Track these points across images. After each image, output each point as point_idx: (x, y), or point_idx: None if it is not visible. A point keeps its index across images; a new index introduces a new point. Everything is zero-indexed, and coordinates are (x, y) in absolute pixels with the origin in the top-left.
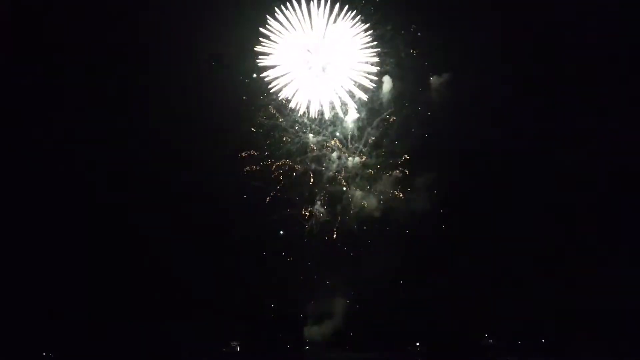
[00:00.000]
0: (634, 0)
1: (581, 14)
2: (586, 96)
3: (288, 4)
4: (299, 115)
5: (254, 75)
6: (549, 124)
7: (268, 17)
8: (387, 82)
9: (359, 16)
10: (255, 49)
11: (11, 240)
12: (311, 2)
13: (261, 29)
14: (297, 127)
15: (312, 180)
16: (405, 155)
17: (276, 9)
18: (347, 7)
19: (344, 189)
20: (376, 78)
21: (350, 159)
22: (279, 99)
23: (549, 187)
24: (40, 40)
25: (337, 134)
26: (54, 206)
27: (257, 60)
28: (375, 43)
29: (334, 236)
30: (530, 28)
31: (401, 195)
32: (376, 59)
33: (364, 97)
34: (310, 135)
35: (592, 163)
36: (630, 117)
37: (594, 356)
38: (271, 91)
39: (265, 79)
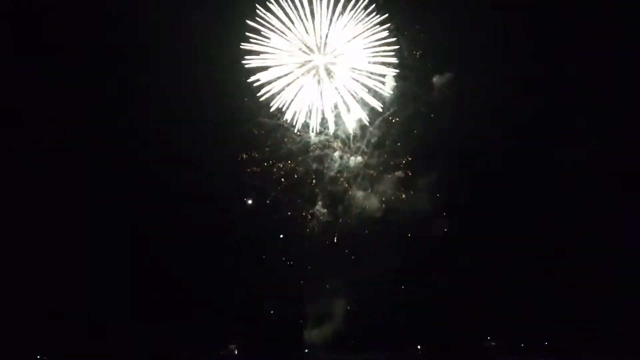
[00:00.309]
0: (634, 0)
1: (581, 14)
2: (586, 96)
3: None
4: (296, 130)
5: (247, 79)
6: (549, 124)
7: (258, 7)
8: (390, 82)
9: (373, 4)
10: (242, 46)
11: (11, 240)
12: None
13: (249, 22)
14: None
15: (313, 181)
16: (408, 157)
17: None
18: None
19: (347, 192)
20: (394, 83)
21: (352, 158)
22: (271, 110)
23: (549, 187)
24: (40, 40)
25: (339, 133)
26: (54, 206)
27: (244, 62)
28: (394, 39)
29: (335, 239)
30: (530, 28)
31: (403, 196)
32: (394, 59)
33: (379, 106)
34: (312, 134)
35: (592, 163)
36: (630, 117)
37: (594, 356)
38: (261, 99)
39: (254, 84)
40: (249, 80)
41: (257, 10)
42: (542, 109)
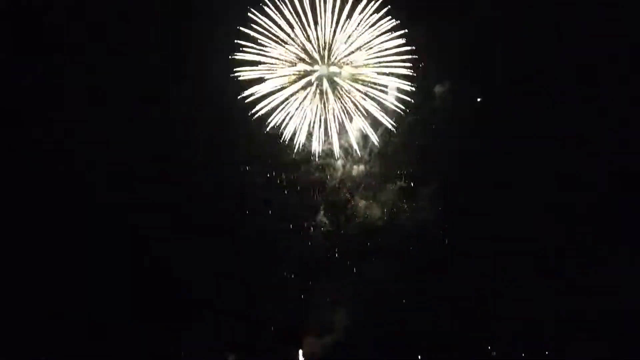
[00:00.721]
0: (634, 0)
1: (581, 14)
2: (586, 96)
3: None
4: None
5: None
6: (549, 124)
7: (252, 10)
8: (396, 94)
9: (388, 6)
10: (231, 57)
11: (11, 241)
12: None
13: (240, 28)
14: None
15: (316, 189)
16: (409, 167)
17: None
18: None
19: (350, 201)
20: (411, 100)
21: (355, 167)
22: (267, 130)
23: (549, 187)
24: (40, 40)
25: (342, 141)
26: (54, 206)
27: (233, 75)
28: (413, 48)
29: (336, 249)
30: (531, 28)
31: (405, 206)
32: (409, 71)
33: (391, 126)
34: (315, 142)
35: (592, 163)
36: (630, 117)
37: (594, 356)
38: (253, 118)
39: (246, 101)
40: (239, 97)
41: (249, 15)
42: (542, 109)
